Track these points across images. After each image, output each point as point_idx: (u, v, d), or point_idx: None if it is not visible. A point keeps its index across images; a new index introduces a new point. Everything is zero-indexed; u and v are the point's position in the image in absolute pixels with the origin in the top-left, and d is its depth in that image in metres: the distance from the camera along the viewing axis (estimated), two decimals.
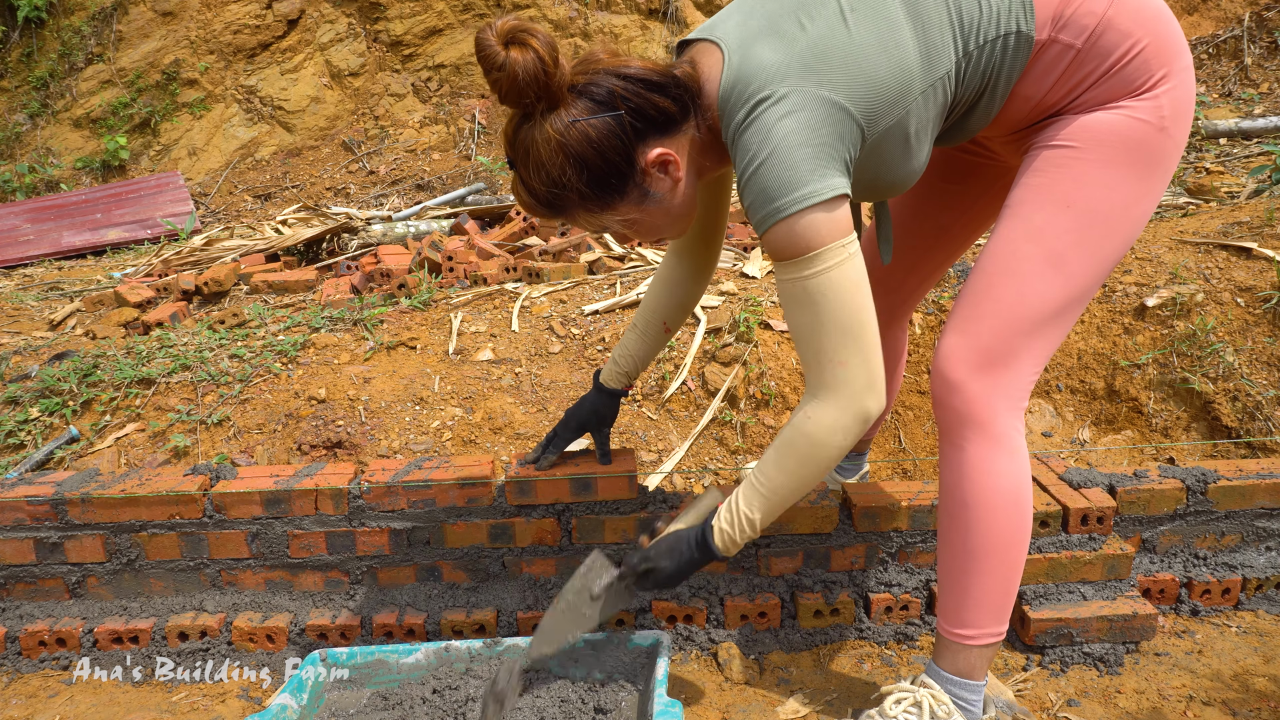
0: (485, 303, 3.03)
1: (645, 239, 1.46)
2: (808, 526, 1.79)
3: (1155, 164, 1.34)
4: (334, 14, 7.68)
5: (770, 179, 1.22)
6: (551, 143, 1.23)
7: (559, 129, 1.23)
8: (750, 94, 1.23)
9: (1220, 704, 1.60)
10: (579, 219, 1.35)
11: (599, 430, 1.80)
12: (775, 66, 1.23)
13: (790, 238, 1.24)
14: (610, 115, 1.24)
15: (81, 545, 1.83)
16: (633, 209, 1.33)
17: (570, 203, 1.30)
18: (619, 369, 1.76)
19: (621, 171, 1.28)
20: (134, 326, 3.49)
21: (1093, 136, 1.33)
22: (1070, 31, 1.30)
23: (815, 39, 1.24)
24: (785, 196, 1.22)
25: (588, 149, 1.24)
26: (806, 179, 1.22)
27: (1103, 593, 1.77)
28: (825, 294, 1.26)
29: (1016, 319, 1.35)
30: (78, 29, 7.54)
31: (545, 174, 1.26)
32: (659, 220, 1.37)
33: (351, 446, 2.42)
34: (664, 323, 1.73)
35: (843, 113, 1.24)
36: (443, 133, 7.51)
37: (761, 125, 1.23)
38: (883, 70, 1.25)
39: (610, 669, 1.63)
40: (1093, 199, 1.33)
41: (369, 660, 1.63)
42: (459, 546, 1.83)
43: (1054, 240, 1.34)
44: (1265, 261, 2.67)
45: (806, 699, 1.66)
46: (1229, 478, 1.84)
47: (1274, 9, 6.30)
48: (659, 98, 1.26)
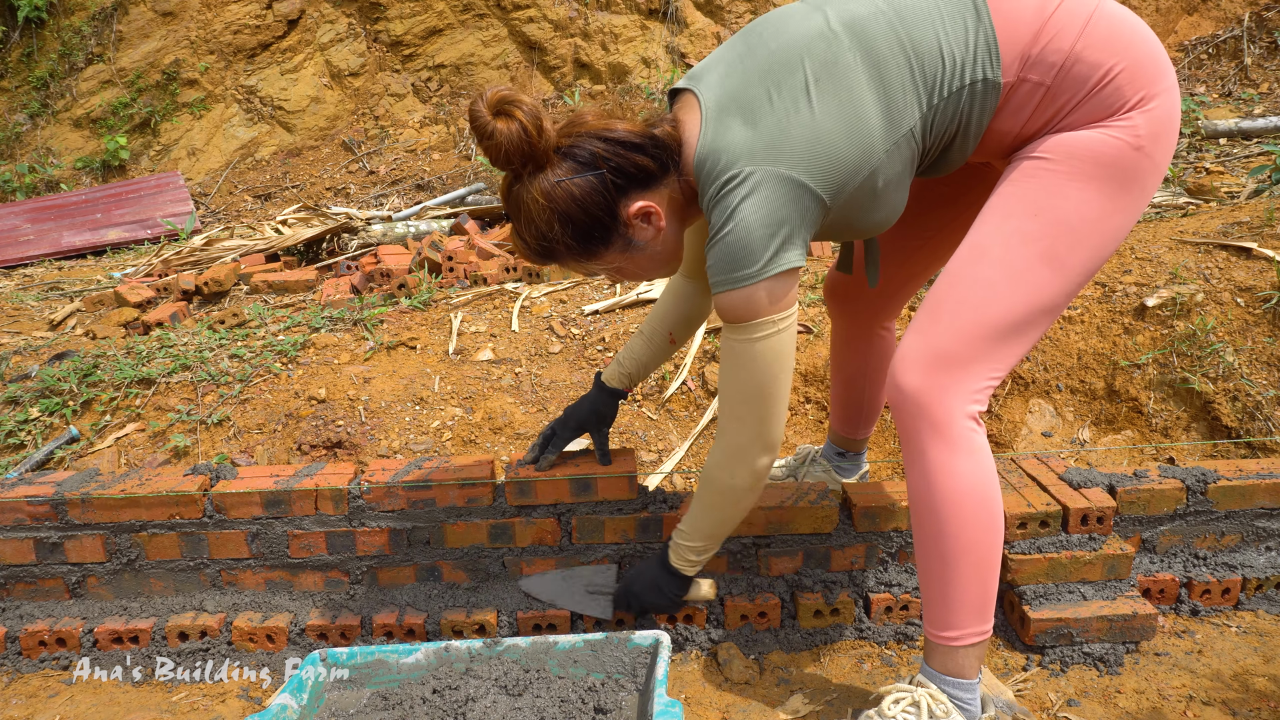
0: (485, 303, 3.03)
1: (635, 281, 1.56)
2: (808, 526, 1.78)
3: (1129, 182, 1.35)
4: (334, 14, 7.68)
5: (727, 253, 1.34)
6: (538, 201, 1.34)
7: (544, 189, 1.34)
8: (719, 172, 1.33)
9: (1220, 704, 1.60)
10: (570, 265, 1.46)
11: (598, 430, 1.82)
12: (741, 146, 1.32)
13: (734, 305, 1.37)
14: (593, 174, 1.34)
15: (81, 545, 1.82)
16: (618, 257, 1.44)
17: (559, 253, 1.41)
18: (622, 370, 1.80)
19: (605, 224, 1.38)
20: (134, 326, 3.49)
21: (1068, 151, 1.35)
22: (1039, 70, 1.33)
23: (780, 118, 1.32)
24: (737, 271, 1.34)
25: (572, 206, 1.35)
26: (758, 258, 1.32)
27: (1103, 593, 1.77)
28: (751, 358, 1.39)
29: (975, 324, 1.37)
30: (78, 29, 7.54)
31: (535, 228, 1.37)
32: (645, 265, 1.48)
33: (351, 446, 2.42)
34: (669, 333, 1.78)
35: (802, 190, 1.32)
36: (443, 133, 7.51)
37: (726, 205, 1.33)
38: (842, 144, 1.32)
39: (610, 669, 1.63)
40: (1061, 210, 1.35)
41: (369, 660, 1.63)
42: (459, 546, 1.83)
43: (1019, 248, 1.36)
44: (1265, 261, 2.67)
45: (806, 699, 1.65)
46: (1229, 478, 1.84)
47: (1274, 9, 6.30)
48: (639, 157, 1.36)
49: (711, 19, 7.07)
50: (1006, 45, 1.33)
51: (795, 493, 1.82)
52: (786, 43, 1.36)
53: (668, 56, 7.09)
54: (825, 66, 1.33)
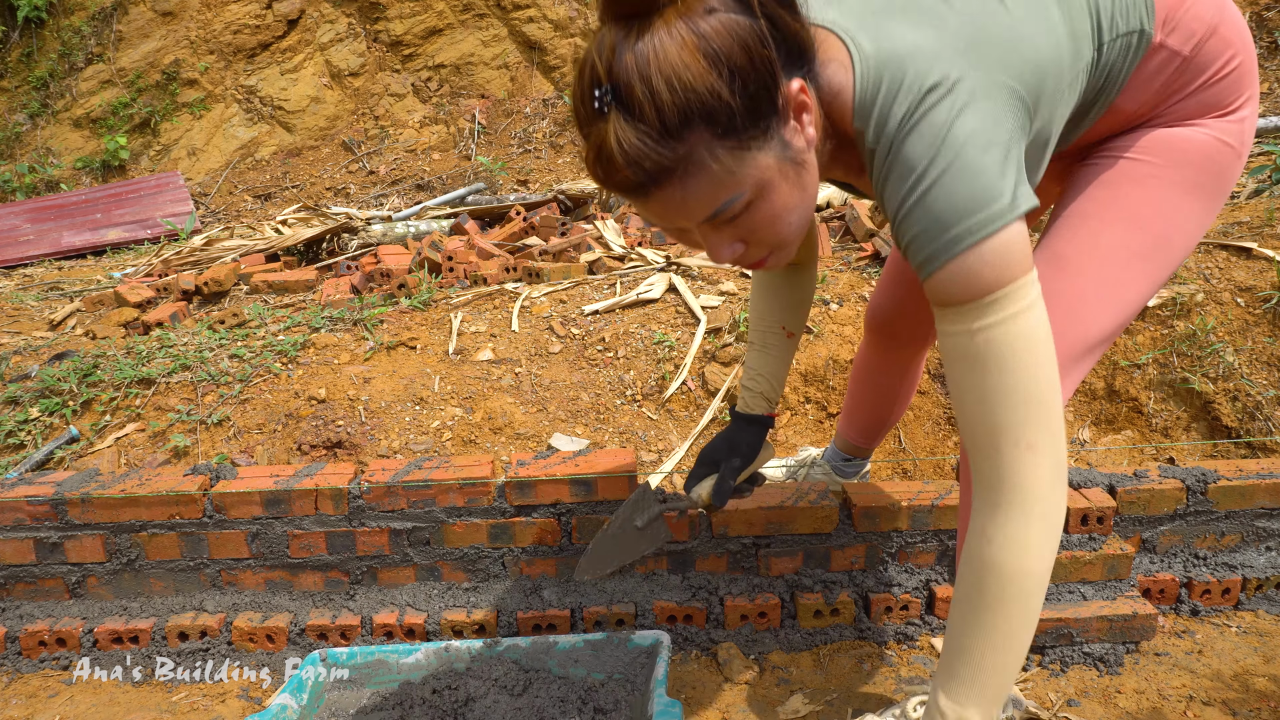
0: (485, 303, 3.03)
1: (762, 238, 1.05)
2: (808, 526, 1.79)
3: (1224, 190, 1.23)
4: (334, 14, 7.68)
5: (955, 197, 0.96)
6: (686, 40, 0.90)
7: (693, 27, 0.91)
8: (909, 83, 0.97)
9: (1220, 704, 1.60)
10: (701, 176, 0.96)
11: (729, 462, 1.51)
12: (932, 46, 0.99)
13: (976, 272, 0.98)
14: (746, 16, 0.93)
15: (81, 545, 1.82)
16: (772, 163, 0.98)
17: (705, 136, 0.93)
18: (751, 392, 1.54)
19: (770, 93, 0.95)
20: (134, 326, 3.49)
21: (1178, 155, 1.20)
22: (1179, 36, 1.16)
23: (970, 15, 1.02)
24: (974, 216, 0.96)
25: (734, 45, 0.91)
26: (1000, 190, 0.96)
27: (1103, 593, 1.77)
28: (1013, 349, 0.99)
29: (1070, 345, 1.21)
30: (78, 29, 7.54)
31: (681, 84, 0.90)
32: (791, 199, 1.02)
33: (351, 446, 2.42)
34: (782, 328, 1.50)
35: (1020, 101, 1.01)
36: (443, 133, 7.51)
37: (932, 126, 0.96)
38: (1045, 53, 1.05)
39: (610, 669, 1.63)
40: (1167, 224, 1.20)
41: (369, 660, 1.63)
42: (459, 546, 1.83)
43: (1118, 265, 1.20)
44: (1265, 261, 2.67)
45: (806, 699, 1.65)
46: (1229, 478, 1.84)
47: (1274, 9, 6.31)
48: (794, 21, 0.97)
49: None
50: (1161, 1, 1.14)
51: (795, 493, 1.82)
52: None
53: None
54: None
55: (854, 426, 2.03)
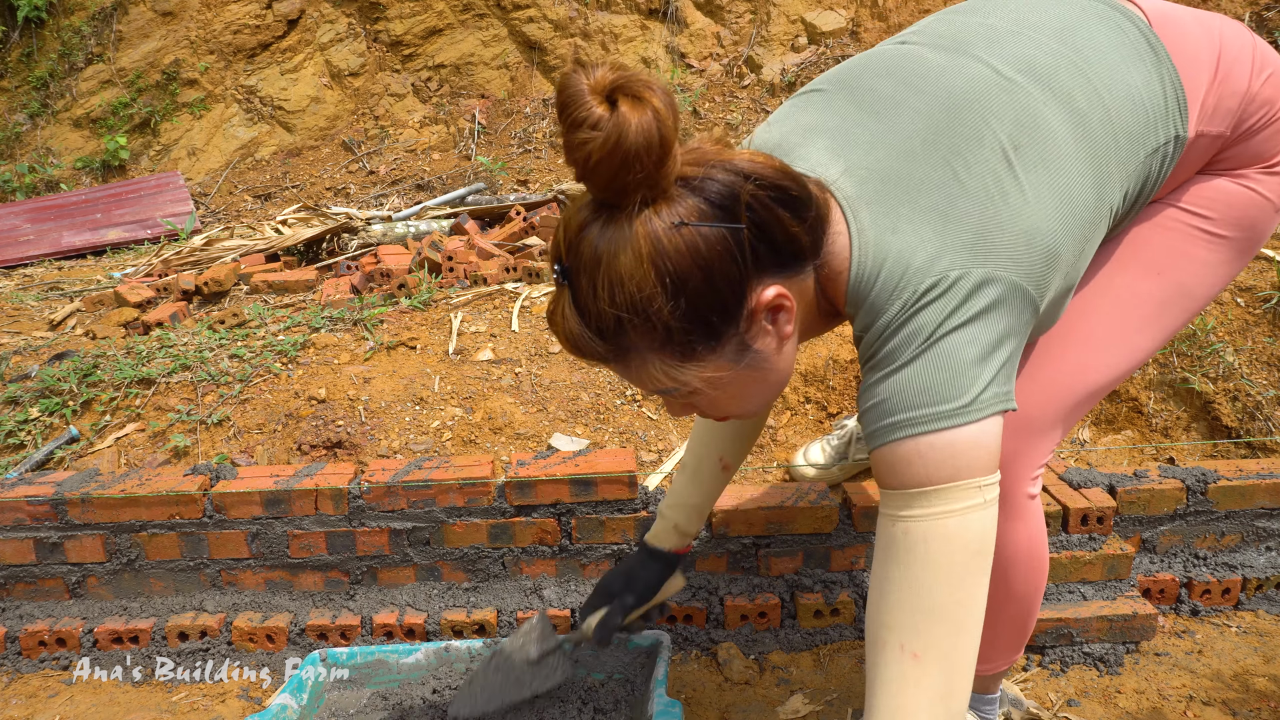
0: (485, 303, 3.03)
1: (715, 412, 1.05)
2: (808, 526, 1.78)
3: (1257, 244, 1.17)
4: (334, 14, 7.68)
5: (914, 385, 0.92)
6: (640, 250, 0.85)
7: (655, 232, 0.85)
8: (905, 283, 0.92)
9: (1220, 704, 1.60)
10: (647, 369, 0.95)
11: (621, 598, 1.41)
12: (936, 242, 0.93)
13: (915, 461, 0.92)
14: (728, 226, 0.87)
15: (81, 545, 1.82)
16: (724, 367, 0.95)
17: (640, 342, 0.91)
18: (666, 521, 1.42)
19: (728, 309, 0.91)
20: (134, 326, 3.49)
21: (1212, 205, 1.14)
22: (1218, 120, 1.08)
23: (981, 203, 0.95)
24: (926, 408, 0.91)
25: (692, 267, 0.86)
26: (970, 387, 0.91)
27: (1103, 593, 1.77)
28: (927, 549, 0.91)
29: (1069, 391, 1.16)
30: (78, 29, 7.54)
31: (622, 295, 0.87)
32: (749, 388, 1.00)
33: (351, 446, 2.42)
34: (720, 458, 1.39)
35: (1023, 297, 0.94)
36: (443, 133, 7.51)
37: (918, 325, 0.92)
38: (1059, 234, 0.97)
39: (610, 669, 1.63)
40: (1186, 273, 1.14)
41: (369, 660, 1.63)
42: (459, 546, 1.83)
43: (1130, 311, 1.15)
44: (1265, 261, 2.67)
45: (806, 699, 1.65)
46: (1229, 478, 1.84)
47: (1274, 9, 6.31)
48: (792, 219, 0.92)
49: (711, 19, 7.07)
50: (1191, 91, 1.05)
51: (795, 493, 1.82)
52: (949, 100, 0.99)
53: (668, 56, 7.08)
54: (1023, 129, 0.97)
55: None
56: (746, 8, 6.98)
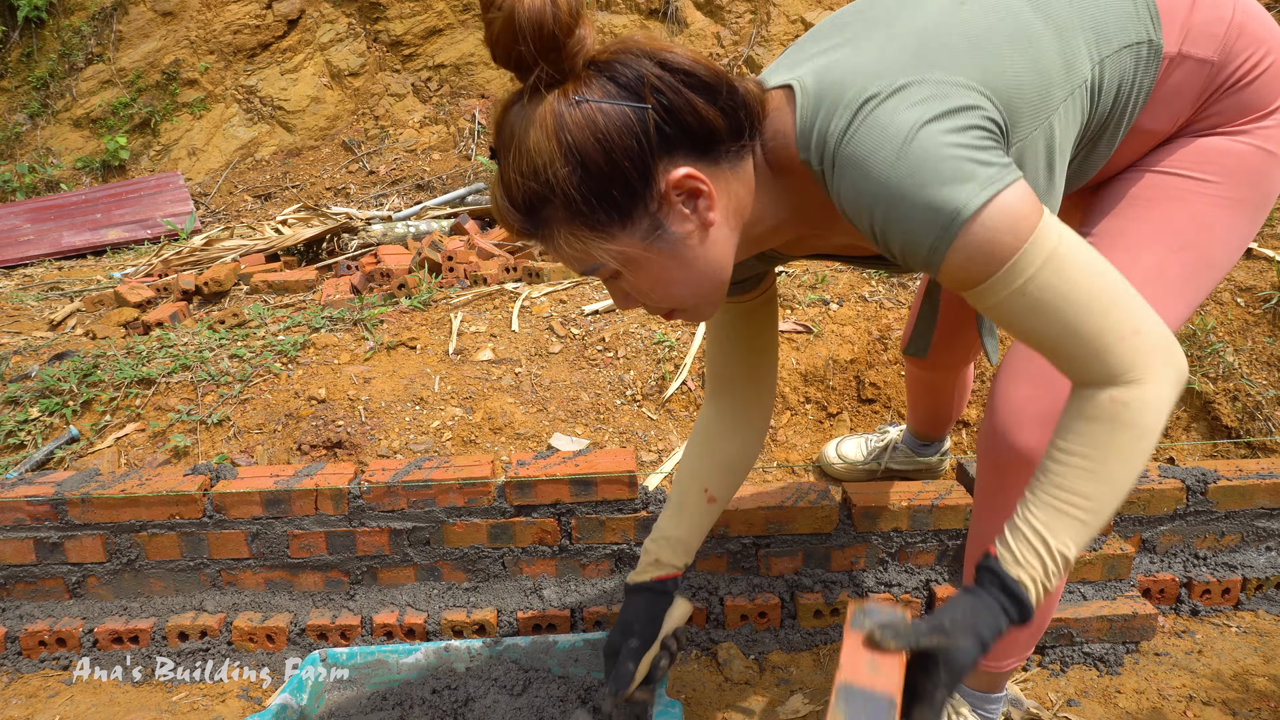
0: (485, 303, 3.03)
1: (649, 301, 1.06)
2: (808, 526, 1.79)
3: (1268, 201, 1.15)
4: (334, 14, 7.68)
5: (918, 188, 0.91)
6: (546, 123, 0.92)
7: (558, 108, 0.92)
8: (849, 98, 0.94)
9: (1220, 704, 1.60)
10: (560, 242, 0.99)
11: (626, 645, 1.34)
12: (875, 62, 0.96)
13: (982, 250, 0.92)
14: (632, 106, 0.92)
15: (81, 545, 1.82)
16: (635, 244, 0.98)
17: (553, 214, 0.97)
18: (649, 556, 1.40)
19: (630, 185, 0.94)
20: (134, 326, 3.49)
21: (1217, 169, 1.13)
22: (1202, 44, 1.10)
23: (924, 24, 0.99)
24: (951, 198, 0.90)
25: (590, 139, 0.92)
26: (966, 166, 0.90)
27: (1103, 593, 1.77)
28: (1060, 288, 0.93)
29: None
30: (78, 29, 7.54)
31: (529, 167, 0.94)
32: (670, 273, 1.01)
33: (351, 446, 2.42)
34: (705, 489, 1.38)
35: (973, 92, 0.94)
36: (443, 133, 7.51)
37: (874, 125, 0.92)
38: (1017, 63, 0.99)
39: None
40: (1209, 243, 1.13)
41: (369, 660, 1.63)
42: (459, 546, 1.83)
43: (1158, 287, 1.11)
44: (1265, 261, 2.67)
45: (806, 699, 1.65)
46: (1229, 478, 1.84)
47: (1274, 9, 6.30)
48: (703, 102, 0.95)
49: (711, 19, 7.07)
50: (1166, 8, 1.08)
51: (795, 493, 1.82)
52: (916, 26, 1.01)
53: None
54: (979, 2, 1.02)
55: (918, 423, 2.05)
56: (746, 8, 6.98)
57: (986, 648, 0.97)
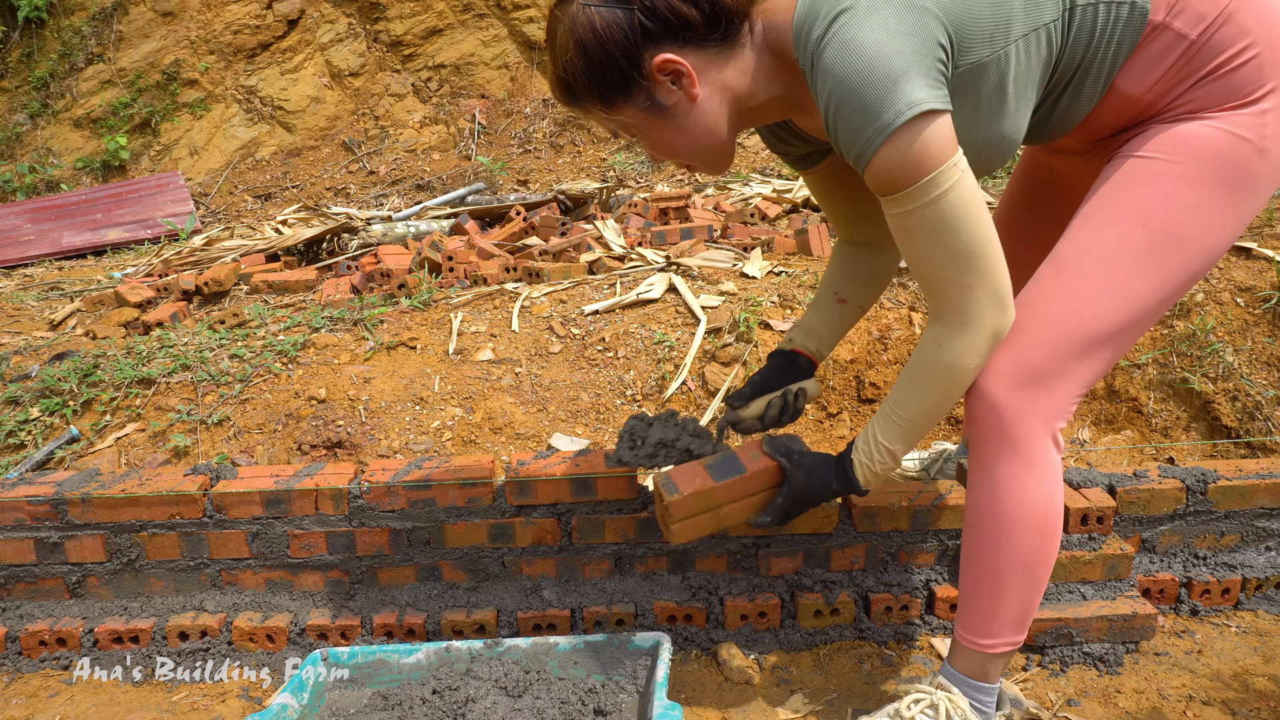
0: (485, 303, 3.03)
1: (668, 157, 1.37)
2: (808, 526, 1.79)
3: (1247, 189, 1.23)
4: (334, 14, 7.68)
5: (864, 95, 1.12)
6: (564, 25, 1.24)
7: (574, 12, 1.23)
8: (826, 12, 1.16)
9: (1220, 704, 1.60)
10: (592, 112, 1.31)
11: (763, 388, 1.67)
12: None
13: (900, 161, 1.14)
14: (620, 8, 1.21)
15: (82, 545, 1.83)
16: (639, 116, 1.29)
17: (579, 93, 1.28)
18: (785, 338, 1.70)
19: (623, 71, 1.24)
20: (134, 326, 3.49)
21: (1185, 151, 1.23)
22: (1186, 18, 1.19)
23: None
24: (886, 110, 1.11)
25: (590, 37, 1.22)
26: (905, 88, 1.11)
27: (1103, 593, 1.77)
28: (944, 220, 1.17)
29: (1067, 338, 1.27)
30: (78, 29, 7.54)
31: (557, 57, 1.27)
32: (669, 136, 1.31)
33: (351, 446, 2.42)
34: (835, 292, 1.65)
35: (930, 17, 1.14)
36: (443, 133, 7.51)
37: (841, 39, 1.13)
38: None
39: (611, 670, 1.63)
40: (1172, 220, 1.23)
41: (369, 660, 1.64)
42: (459, 546, 1.83)
43: (1121, 259, 1.25)
44: (1265, 261, 2.67)
45: (806, 699, 1.66)
46: (1229, 478, 1.84)
47: None
48: (684, 5, 1.21)
49: None
50: None
51: None
52: None
53: None
54: None
55: None
56: None
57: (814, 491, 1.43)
